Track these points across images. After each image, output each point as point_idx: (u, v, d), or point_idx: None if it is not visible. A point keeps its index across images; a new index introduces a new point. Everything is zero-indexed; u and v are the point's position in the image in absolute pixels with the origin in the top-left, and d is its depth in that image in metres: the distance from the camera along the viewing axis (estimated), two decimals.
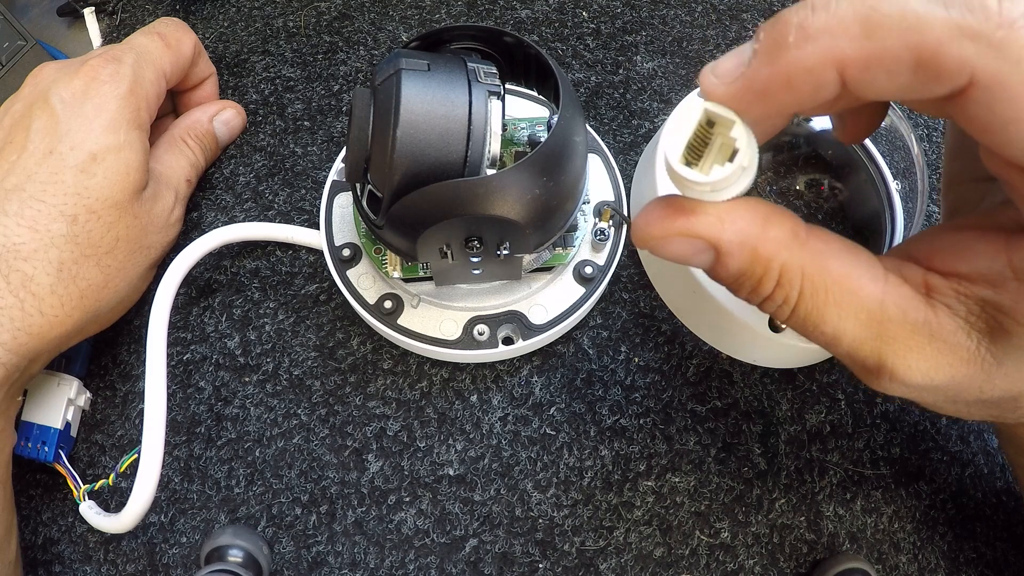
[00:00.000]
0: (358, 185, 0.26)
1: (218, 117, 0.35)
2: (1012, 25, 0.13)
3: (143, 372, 0.28)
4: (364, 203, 0.26)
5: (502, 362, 0.31)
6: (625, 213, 0.32)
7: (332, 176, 0.32)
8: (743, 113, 0.16)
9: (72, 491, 0.29)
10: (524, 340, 0.29)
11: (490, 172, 0.24)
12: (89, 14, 0.41)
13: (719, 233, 0.17)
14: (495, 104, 0.24)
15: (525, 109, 0.33)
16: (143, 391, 0.28)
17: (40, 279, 0.26)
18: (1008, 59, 0.13)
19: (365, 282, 0.30)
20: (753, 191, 0.32)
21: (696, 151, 0.16)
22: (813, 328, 0.18)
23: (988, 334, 0.17)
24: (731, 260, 0.18)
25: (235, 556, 0.27)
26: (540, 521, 0.29)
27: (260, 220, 0.34)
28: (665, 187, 0.29)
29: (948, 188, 0.23)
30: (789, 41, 0.15)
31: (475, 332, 0.29)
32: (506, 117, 0.31)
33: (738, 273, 0.18)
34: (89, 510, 0.28)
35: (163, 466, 0.27)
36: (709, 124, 0.16)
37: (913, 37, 0.14)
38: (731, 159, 0.16)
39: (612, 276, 0.31)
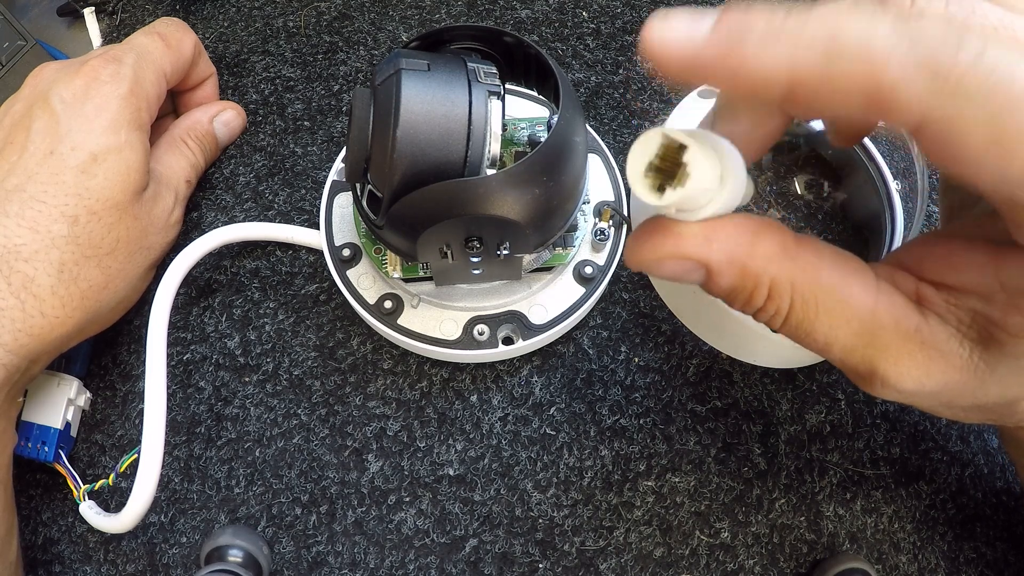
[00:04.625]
0: (358, 185, 0.26)
1: (218, 118, 0.35)
2: (966, 67, 0.13)
3: (143, 372, 0.28)
4: (364, 203, 0.26)
5: (502, 362, 0.31)
6: (625, 213, 0.32)
7: (332, 176, 0.32)
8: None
9: (72, 491, 0.29)
10: (524, 340, 0.29)
11: (490, 172, 0.24)
12: (89, 14, 0.41)
13: (707, 253, 0.18)
14: (495, 104, 0.24)
15: (525, 109, 0.33)
16: (143, 391, 0.28)
17: (41, 280, 0.26)
18: (959, 100, 0.14)
19: (365, 282, 0.30)
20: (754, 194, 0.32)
21: (670, 173, 0.17)
22: (805, 336, 0.19)
23: (980, 343, 0.18)
24: (721, 278, 0.18)
25: (235, 556, 0.27)
26: (540, 521, 0.29)
27: (260, 220, 0.34)
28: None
29: (944, 192, 0.23)
30: (753, 36, 0.15)
31: (475, 332, 0.29)
32: (506, 117, 0.31)
33: (730, 289, 0.18)
34: (89, 510, 0.28)
35: (163, 466, 0.27)
36: (681, 148, 0.17)
37: (869, 72, 0.14)
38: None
39: (612, 276, 0.31)
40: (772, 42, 0.15)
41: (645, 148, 0.17)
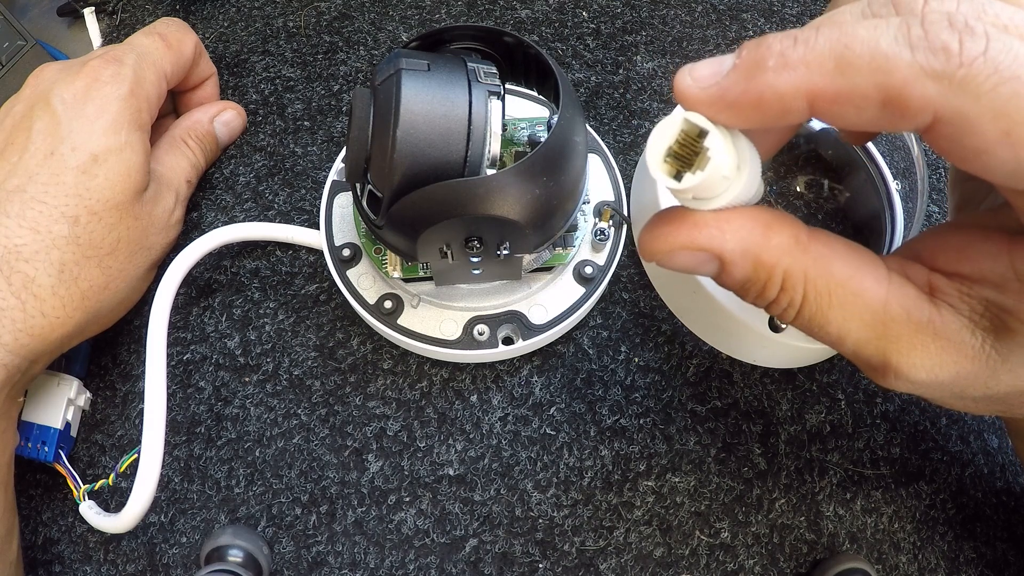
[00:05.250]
0: (358, 185, 0.26)
1: (218, 118, 0.35)
2: (972, 64, 0.14)
3: (143, 372, 0.28)
4: (364, 203, 0.26)
5: (502, 362, 0.31)
6: (625, 213, 0.32)
7: (332, 176, 0.32)
8: (713, 119, 0.17)
9: (72, 491, 0.29)
10: (524, 340, 0.29)
11: (490, 172, 0.24)
12: (89, 14, 0.41)
13: (721, 244, 0.18)
14: (495, 104, 0.24)
15: (525, 109, 0.33)
16: (143, 391, 0.28)
17: (42, 280, 0.26)
18: (969, 95, 0.14)
19: (365, 282, 0.30)
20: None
21: (687, 160, 0.17)
22: (818, 329, 0.19)
23: (993, 332, 0.18)
24: (735, 269, 0.18)
25: (235, 556, 0.27)
26: (540, 521, 0.29)
27: (260, 220, 0.34)
28: (664, 188, 0.29)
29: (954, 185, 0.23)
30: (768, 65, 0.16)
31: (475, 332, 0.29)
32: (506, 117, 0.31)
33: (743, 280, 0.19)
34: (89, 510, 0.28)
35: (163, 466, 0.27)
36: (701, 135, 0.17)
37: (880, 77, 0.15)
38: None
39: (612, 276, 0.31)
40: (786, 67, 0.15)
41: (665, 133, 0.17)
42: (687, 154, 0.17)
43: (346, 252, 0.30)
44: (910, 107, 0.15)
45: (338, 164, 0.33)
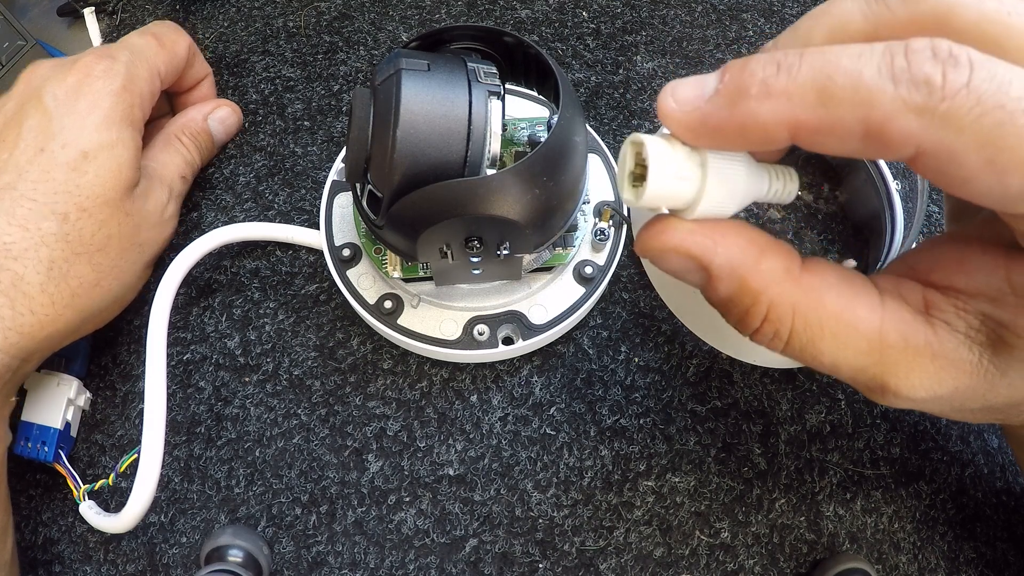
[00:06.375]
0: (358, 185, 0.26)
1: (213, 115, 0.35)
2: (955, 96, 0.14)
3: (143, 372, 0.28)
4: (364, 203, 0.26)
5: (502, 362, 0.31)
6: (625, 213, 0.32)
7: (332, 176, 0.32)
8: (694, 143, 0.17)
9: (72, 491, 0.29)
10: (524, 340, 0.29)
11: (490, 172, 0.24)
12: (89, 14, 0.41)
13: (711, 256, 0.18)
14: (495, 104, 0.24)
15: (525, 109, 0.33)
16: (143, 391, 0.28)
17: (30, 278, 0.26)
18: (951, 128, 0.14)
19: (365, 282, 0.30)
20: None
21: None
22: (811, 360, 0.19)
23: (990, 347, 0.18)
24: (720, 284, 0.18)
25: (235, 556, 0.27)
26: (540, 521, 0.29)
27: (260, 220, 0.34)
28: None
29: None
30: (751, 93, 0.16)
31: (475, 332, 0.29)
32: (506, 117, 0.31)
33: (726, 299, 0.19)
34: (89, 510, 0.28)
35: (163, 466, 0.27)
36: None
37: (862, 111, 0.15)
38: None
39: (612, 276, 0.31)
40: (768, 96, 0.15)
41: (625, 157, 0.17)
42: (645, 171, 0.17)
43: (346, 252, 0.30)
44: (892, 141, 0.15)
45: (338, 164, 0.33)
